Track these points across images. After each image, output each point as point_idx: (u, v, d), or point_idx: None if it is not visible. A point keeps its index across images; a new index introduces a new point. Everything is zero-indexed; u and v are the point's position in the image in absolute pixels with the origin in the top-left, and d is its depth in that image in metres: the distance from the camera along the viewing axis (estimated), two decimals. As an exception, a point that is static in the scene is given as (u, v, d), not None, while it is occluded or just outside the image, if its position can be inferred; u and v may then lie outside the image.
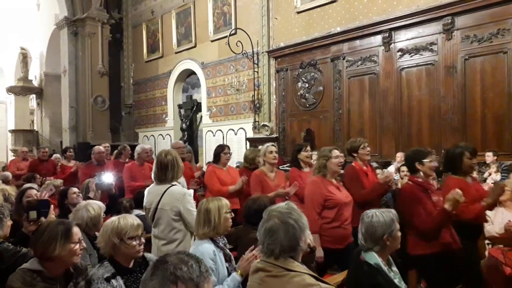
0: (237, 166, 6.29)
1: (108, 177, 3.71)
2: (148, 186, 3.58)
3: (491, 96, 6.16)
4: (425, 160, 3.02)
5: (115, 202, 3.86)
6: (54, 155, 8.68)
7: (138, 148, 5.41)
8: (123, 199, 3.87)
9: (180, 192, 2.83)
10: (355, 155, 3.61)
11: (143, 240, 2.14)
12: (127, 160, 6.05)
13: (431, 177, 3.16)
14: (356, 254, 2.19)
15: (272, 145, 4.09)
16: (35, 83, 15.90)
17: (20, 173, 7.28)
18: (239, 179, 4.27)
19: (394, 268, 2.18)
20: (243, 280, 2.30)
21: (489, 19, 6.12)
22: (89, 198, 3.50)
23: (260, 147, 4.75)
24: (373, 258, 2.08)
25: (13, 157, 14.82)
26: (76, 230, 2.03)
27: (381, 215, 2.13)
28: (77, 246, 2.00)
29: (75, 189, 3.86)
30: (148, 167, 5.09)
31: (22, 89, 15.75)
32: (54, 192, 3.49)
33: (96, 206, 2.84)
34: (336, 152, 3.28)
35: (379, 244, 2.10)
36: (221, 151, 4.50)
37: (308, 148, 4.15)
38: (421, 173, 3.06)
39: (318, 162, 3.31)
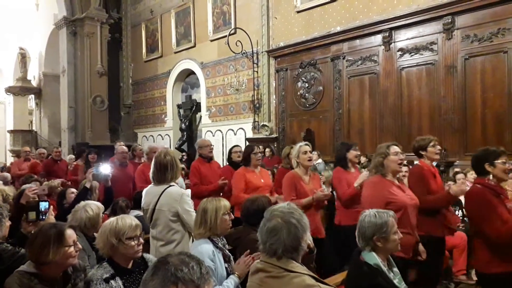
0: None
1: (105, 168, 3.68)
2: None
3: (491, 96, 6.15)
4: (497, 162, 2.64)
5: (111, 196, 3.84)
6: (69, 156, 8.62)
7: (145, 148, 5.09)
8: (119, 199, 3.85)
9: (178, 193, 2.81)
10: (423, 153, 3.26)
11: (141, 240, 2.13)
12: (142, 160, 5.60)
13: (504, 181, 2.74)
14: (356, 254, 2.17)
15: (306, 145, 3.59)
16: (34, 83, 15.88)
17: (21, 173, 6.98)
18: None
19: (395, 269, 2.17)
20: (241, 281, 2.29)
21: (489, 19, 6.10)
22: (86, 189, 3.49)
23: (261, 148, 4.53)
24: (373, 258, 2.07)
25: (12, 158, 14.83)
26: (69, 233, 1.99)
27: (374, 216, 2.13)
28: (72, 248, 1.96)
29: (73, 189, 3.85)
30: None
31: (20, 89, 15.73)
32: (47, 192, 3.46)
33: (95, 206, 2.82)
34: (395, 149, 2.88)
35: (370, 245, 2.10)
36: (250, 152, 4.14)
37: (357, 147, 3.83)
38: (491, 176, 2.69)
39: (375, 161, 2.93)
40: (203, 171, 4.57)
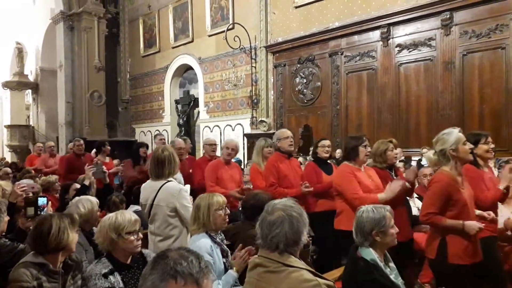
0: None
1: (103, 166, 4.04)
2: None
3: (489, 92, 6.16)
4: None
5: (108, 189, 4.00)
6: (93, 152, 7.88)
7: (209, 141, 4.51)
8: (112, 194, 3.87)
9: (176, 188, 2.81)
10: None
11: (140, 235, 2.15)
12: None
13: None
14: (353, 250, 2.19)
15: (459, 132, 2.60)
16: (31, 78, 15.79)
17: (48, 170, 6.37)
18: (388, 186, 3.07)
19: (391, 264, 2.18)
20: (239, 276, 2.30)
21: (488, 15, 6.10)
22: (85, 187, 3.54)
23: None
24: (370, 254, 2.09)
25: (9, 153, 14.77)
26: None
27: (372, 211, 2.15)
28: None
29: (77, 185, 3.85)
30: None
31: (17, 84, 15.65)
32: (36, 190, 3.48)
33: (88, 202, 2.82)
34: None
35: (368, 240, 2.11)
36: (359, 144, 3.24)
37: (490, 139, 2.96)
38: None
39: None
40: (283, 169, 3.71)
